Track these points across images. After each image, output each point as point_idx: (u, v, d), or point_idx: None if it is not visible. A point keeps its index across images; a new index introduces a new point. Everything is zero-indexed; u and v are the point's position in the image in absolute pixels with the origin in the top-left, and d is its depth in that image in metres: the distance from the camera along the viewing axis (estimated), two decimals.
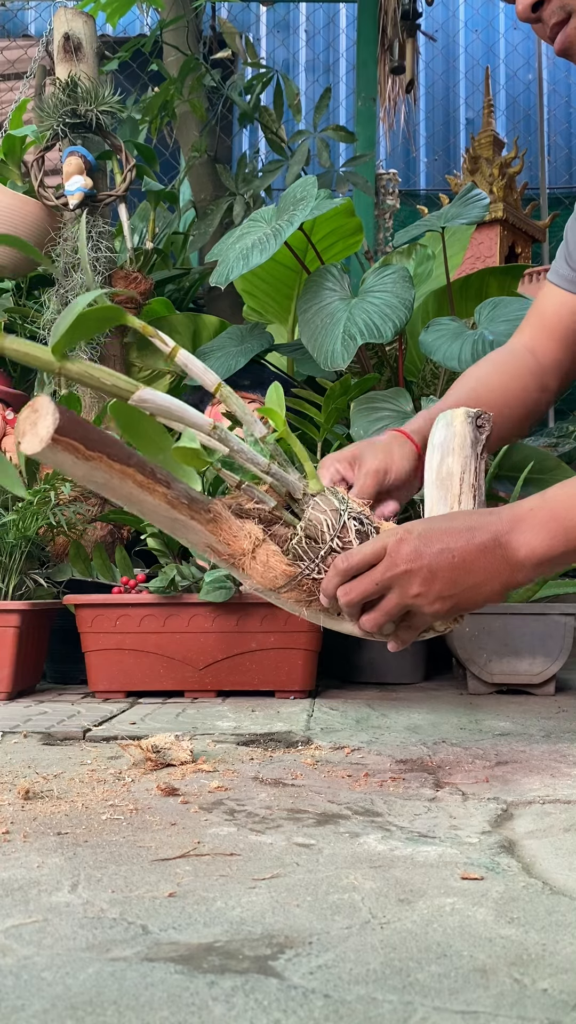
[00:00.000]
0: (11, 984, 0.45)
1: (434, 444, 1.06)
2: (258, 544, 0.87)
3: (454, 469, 1.03)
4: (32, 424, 0.77)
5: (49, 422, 0.75)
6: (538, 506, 0.90)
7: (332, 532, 0.89)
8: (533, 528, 0.88)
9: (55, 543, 1.78)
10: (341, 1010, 0.43)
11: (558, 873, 0.64)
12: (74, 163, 2.01)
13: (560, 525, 0.88)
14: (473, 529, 0.89)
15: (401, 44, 3.78)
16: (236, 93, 2.97)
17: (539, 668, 1.65)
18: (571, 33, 0.99)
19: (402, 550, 0.87)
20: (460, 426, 1.06)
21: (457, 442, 1.05)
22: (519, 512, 0.90)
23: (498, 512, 0.91)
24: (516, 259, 3.12)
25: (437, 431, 1.06)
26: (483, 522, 0.89)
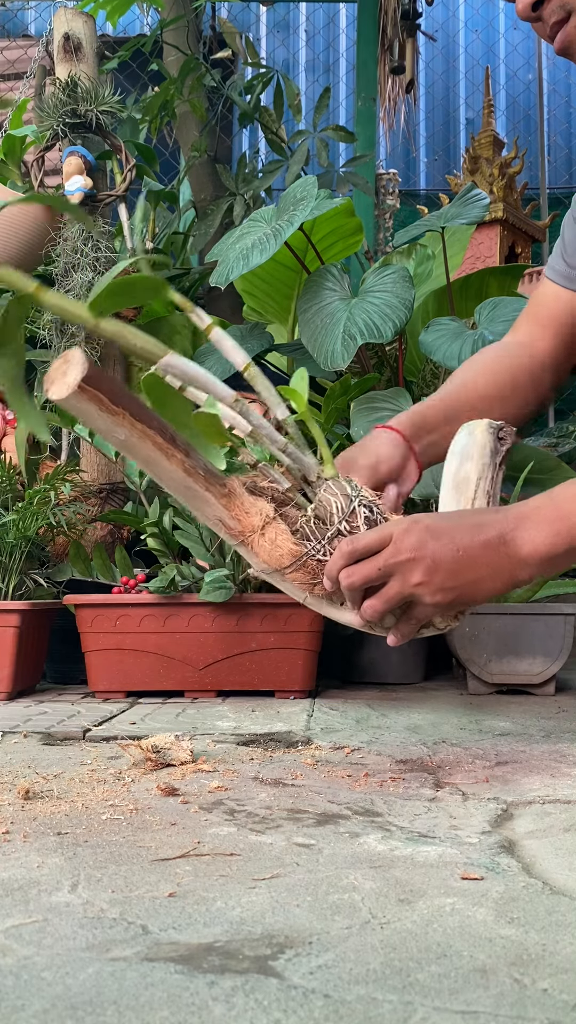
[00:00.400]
0: (11, 984, 0.45)
1: (454, 451, 1.07)
2: (268, 521, 0.89)
3: (471, 475, 1.04)
4: (62, 373, 0.80)
5: (78, 371, 0.78)
6: (543, 504, 0.91)
7: (341, 515, 0.90)
8: (538, 526, 0.89)
9: (55, 543, 1.78)
10: (341, 1010, 0.43)
11: (558, 873, 0.64)
12: (74, 163, 2.01)
13: (565, 523, 0.88)
14: (479, 525, 0.89)
15: (401, 44, 3.78)
16: (236, 93, 2.97)
17: (539, 668, 1.65)
18: (571, 32, 0.99)
19: (408, 538, 0.88)
20: (481, 435, 1.06)
21: (476, 450, 1.05)
22: (524, 510, 0.91)
23: (505, 510, 0.92)
24: (516, 259, 3.12)
25: (459, 439, 1.07)
26: (490, 519, 0.90)
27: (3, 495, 1.77)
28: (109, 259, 2.04)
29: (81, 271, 2.01)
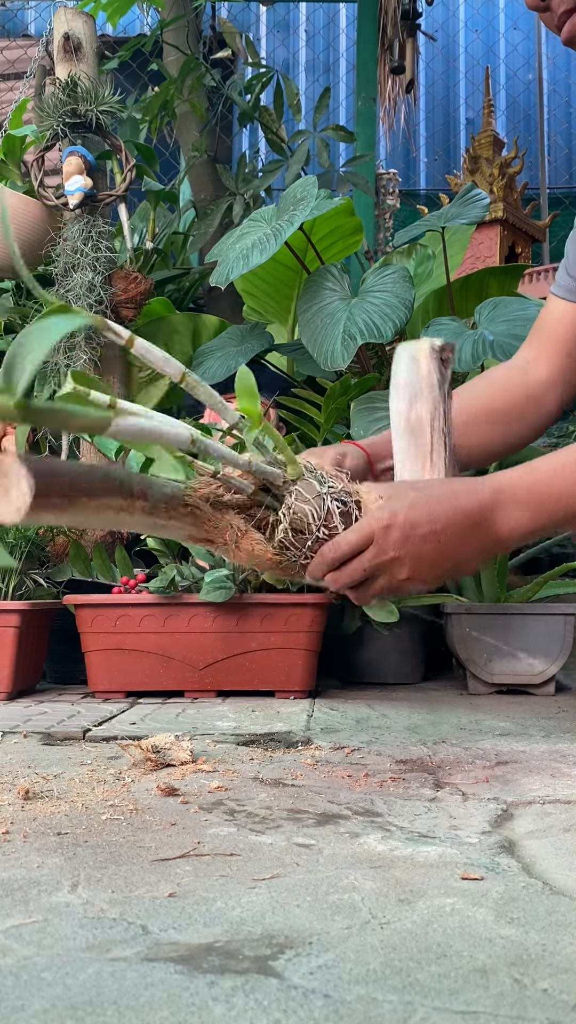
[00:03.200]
0: (11, 984, 0.45)
1: (399, 384, 1.00)
2: (241, 535, 0.86)
3: (423, 416, 0.99)
4: (3, 491, 0.69)
5: (24, 489, 0.68)
6: (521, 483, 0.90)
7: (318, 523, 0.88)
8: (516, 505, 0.89)
9: (55, 543, 1.78)
10: (341, 1010, 0.43)
11: (558, 873, 0.64)
12: (74, 163, 2.01)
13: (541, 504, 0.89)
14: (457, 509, 0.88)
15: (401, 44, 3.78)
16: (236, 93, 2.97)
17: (539, 668, 1.65)
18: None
19: (390, 537, 0.87)
20: (426, 363, 0.99)
21: (424, 384, 0.99)
22: (502, 487, 0.89)
23: (481, 487, 0.89)
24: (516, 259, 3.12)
25: (400, 370, 1.00)
26: (467, 501, 0.89)
27: None
28: (109, 259, 2.04)
29: (81, 271, 2.01)
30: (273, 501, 0.88)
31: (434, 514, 0.87)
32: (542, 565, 2.03)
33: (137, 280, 2.05)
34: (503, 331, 1.70)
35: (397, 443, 1.00)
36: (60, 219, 2.11)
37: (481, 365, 1.72)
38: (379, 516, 0.87)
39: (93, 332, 2.01)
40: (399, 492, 0.89)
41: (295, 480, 0.88)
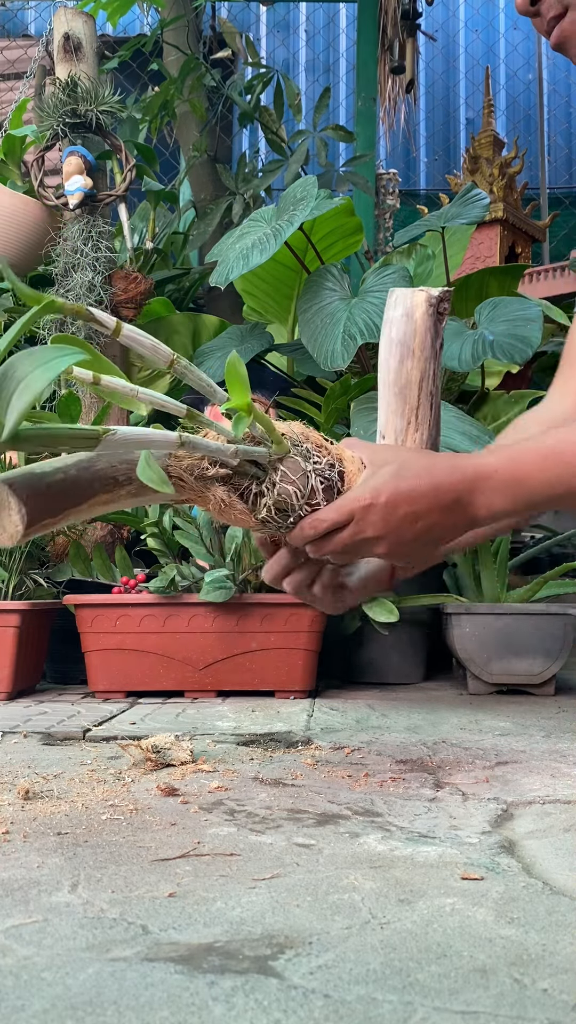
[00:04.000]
0: (11, 984, 0.45)
1: (392, 339, 0.97)
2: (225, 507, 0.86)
3: (413, 376, 0.97)
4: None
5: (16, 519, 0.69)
6: (503, 466, 0.89)
7: (301, 502, 0.88)
8: (496, 490, 0.88)
9: (55, 543, 1.78)
10: (341, 1010, 0.43)
11: (558, 873, 0.64)
12: (74, 163, 2.01)
13: (522, 488, 0.88)
14: (438, 489, 0.88)
15: (401, 44, 3.78)
16: (236, 93, 2.97)
17: (539, 668, 1.65)
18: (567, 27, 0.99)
19: (369, 517, 0.87)
20: (422, 319, 0.97)
21: (418, 341, 0.97)
22: (482, 470, 0.89)
23: (464, 468, 0.89)
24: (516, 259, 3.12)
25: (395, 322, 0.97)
26: (447, 480, 0.88)
27: None
28: (109, 259, 2.04)
29: (81, 271, 2.01)
30: (258, 471, 0.87)
31: (414, 494, 0.87)
32: (542, 565, 2.03)
33: (137, 280, 2.05)
34: (503, 331, 1.69)
35: (383, 397, 0.98)
36: (60, 219, 2.11)
37: (481, 365, 1.72)
38: (359, 496, 0.87)
39: (93, 333, 2.01)
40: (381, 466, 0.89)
41: (281, 458, 0.88)
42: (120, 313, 2.05)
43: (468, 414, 1.77)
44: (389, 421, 0.99)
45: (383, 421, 1.00)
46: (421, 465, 0.89)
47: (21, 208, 2.09)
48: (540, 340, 1.68)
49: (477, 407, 1.93)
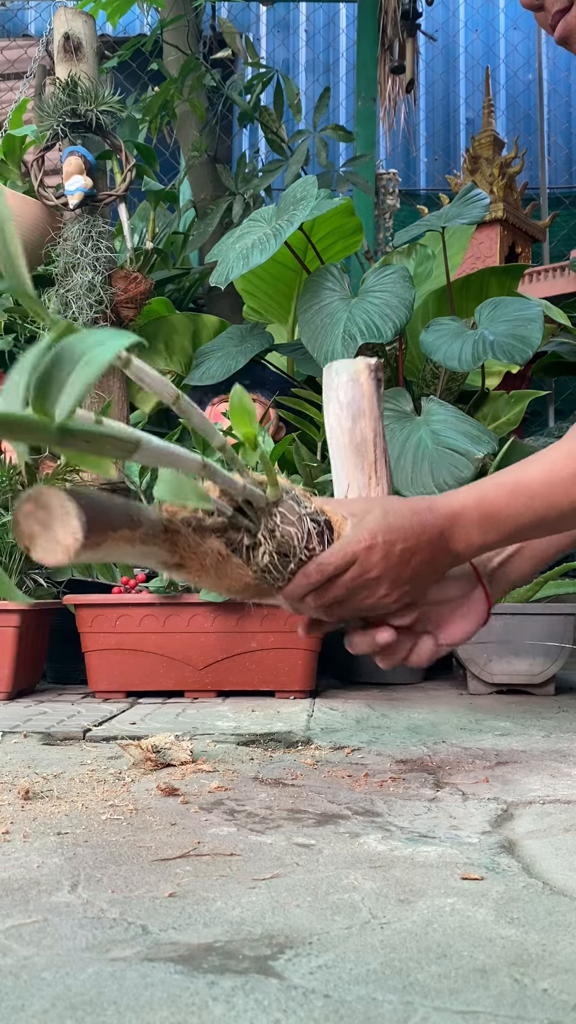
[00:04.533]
0: (11, 984, 0.45)
1: (341, 402, 1.01)
2: (222, 560, 0.82)
3: (367, 435, 1.01)
4: (43, 526, 0.62)
5: (75, 526, 0.61)
6: (472, 505, 0.92)
7: (301, 545, 0.87)
8: (469, 526, 0.92)
9: None
10: (341, 1010, 0.43)
11: (558, 873, 0.64)
12: (74, 163, 2.01)
13: (492, 522, 0.92)
14: (424, 526, 0.90)
15: (401, 44, 3.78)
16: (236, 93, 2.97)
17: (539, 668, 1.65)
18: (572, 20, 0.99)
19: (372, 557, 0.89)
20: (367, 382, 1.01)
21: (367, 402, 1.01)
22: (455, 508, 0.92)
23: (438, 506, 0.92)
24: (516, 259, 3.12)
25: (341, 387, 1.01)
26: (429, 518, 0.91)
27: (3, 495, 1.77)
28: (109, 259, 2.04)
29: (81, 271, 2.01)
30: (249, 524, 0.85)
31: (406, 532, 0.90)
32: None
33: (137, 280, 2.05)
34: (503, 331, 1.70)
35: (340, 461, 1.02)
36: (60, 219, 2.11)
37: (481, 365, 1.72)
38: (359, 536, 0.88)
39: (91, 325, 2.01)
40: (369, 511, 0.91)
41: (277, 502, 0.86)
42: (120, 313, 2.05)
43: (468, 414, 1.77)
44: (352, 478, 1.03)
45: (343, 480, 1.04)
46: (404, 506, 0.92)
47: (21, 208, 2.09)
48: (540, 340, 1.68)
49: (477, 407, 1.93)
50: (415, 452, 1.57)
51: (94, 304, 1.99)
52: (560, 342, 2.77)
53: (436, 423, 1.62)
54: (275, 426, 2.09)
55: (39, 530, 0.62)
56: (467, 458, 1.54)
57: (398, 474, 1.55)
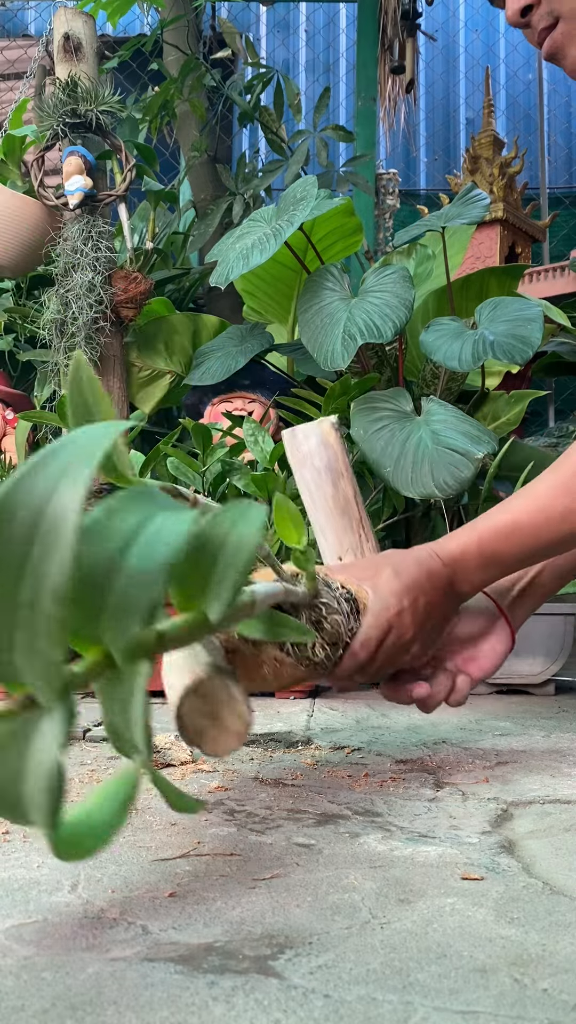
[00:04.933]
0: (11, 984, 0.45)
1: (318, 467, 1.03)
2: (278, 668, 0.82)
3: (349, 493, 1.04)
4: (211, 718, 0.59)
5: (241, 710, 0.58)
6: (472, 551, 0.95)
7: (346, 628, 0.87)
8: (471, 571, 0.95)
9: None
10: (341, 1010, 0.43)
11: (558, 873, 0.64)
12: (74, 163, 2.01)
13: (492, 562, 0.95)
14: (432, 575, 0.94)
15: (401, 44, 3.78)
16: (236, 93, 2.97)
17: (539, 668, 1.65)
18: (558, 38, 0.99)
19: (404, 620, 0.91)
20: (336, 442, 1.03)
21: (341, 462, 1.03)
22: (455, 555, 0.95)
23: (440, 554, 0.95)
24: (516, 259, 3.12)
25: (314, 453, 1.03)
26: (433, 567, 0.94)
27: None
28: (109, 259, 2.04)
29: (81, 271, 2.01)
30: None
31: (423, 586, 0.93)
32: None
33: (137, 280, 2.05)
34: (503, 331, 1.69)
35: (328, 524, 1.04)
36: (60, 219, 2.11)
37: (481, 365, 1.72)
38: (387, 603, 0.91)
39: (93, 332, 2.01)
40: (379, 574, 0.93)
41: (316, 594, 0.85)
42: (120, 313, 2.05)
43: (468, 414, 1.77)
44: (342, 540, 1.04)
45: (334, 544, 1.04)
46: (409, 561, 0.94)
47: (21, 208, 2.09)
48: (540, 340, 1.67)
49: (477, 407, 1.93)
50: (415, 452, 1.57)
51: (94, 304, 1.99)
52: (560, 342, 2.77)
53: (436, 423, 1.62)
54: (275, 426, 2.09)
55: (207, 724, 0.59)
56: (467, 458, 1.54)
57: (398, 474, 1.55)
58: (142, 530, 0.48)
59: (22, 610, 0.43)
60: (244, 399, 2.11)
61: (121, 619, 0.47)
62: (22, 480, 0.43)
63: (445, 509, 1.90)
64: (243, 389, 2.12)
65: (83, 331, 1.99)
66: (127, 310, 2.05)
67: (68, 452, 0.43)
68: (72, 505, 0.41)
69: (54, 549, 0.41)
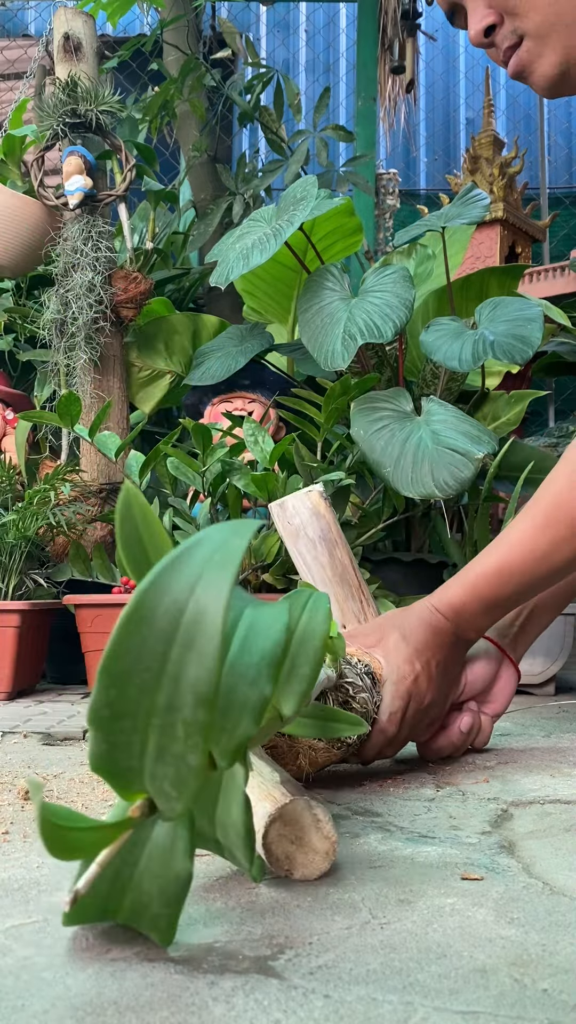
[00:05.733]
0: (11, 984, 0.45)
1: (312, 538, 1.03)
2: (313, 754, 0.82)
3: (345, 561, 1.04)
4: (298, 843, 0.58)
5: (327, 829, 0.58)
6: (469, 597, 0.96)
7: (372, 704, 0.89)
8: (474, 617, 0.97)
9: (55, 543, 1.78)
10: (341, 1010, 0.43)
11: (558, 873, 0.64)
12: (74, 163, 2.01)
13: (492, 606, 0.96)
14: (437, 632, 0.96)
15: (401, 44, 3.78)
16: (236, 93, 2.97)
17: (539, 668, 1.65)
18: (524, 56, 0.98)
19: (421, 686, 0.93)
20: (327, 511, 1.04)
21: (334, 531, 1.04)
22: (455, 606, 0.96)
23: (440, 609, 0.96)
24: (516, 259, 3.12)
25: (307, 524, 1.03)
26: (437, 624, 0.96)
27: (3, 495, 1.77)
28: (109, 259, 2.04)
29: (81, 271, 2.01)
30: None
31: (431, 647, 0.95)
32: None
33: (137, 280, 2.05)
34: (504, 331, 1.69)
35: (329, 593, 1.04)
36: (60, 219, 2.11)
37: (481, 365, 1.72)
38: (402, 672, 0.92)
39: (93, 332, 2.01)
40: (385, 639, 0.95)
41: (341, 674, 0.86)
42: (120, 313, 2.05)
43: (468, 414, 1.77)
44: (344, 609, 1.06)
45: (337, 613, 1.06)
46: (414, 622, 0.96)
47: (21, 208, 2.09)
48: (540, 340, 1.67)
49: (477, 407, 1.93)
50: (415, 452, 1.57)
51: (94, 304, 1.99)
52: (560, 342, 2.77)
53: (436, 423, 1.62)
54: (275, 426, 2.09)
55: (294, 849, 0.58)
56: (467, 458, 1.54)
57: (398, 474, 1.55)
58: (240, 624, 0.46)
59: (157, 715, 0.41)
60: (244, 399, 2.11)
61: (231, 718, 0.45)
62: (159, 579, 0.41)
63: (445, 509, 1.90)
64: (243, 389, 2.12)
65: (83, 331, 1.98)
66: (127, 310, 2.05)
67: (205, 549, 0.41)
68: (217, 605, 0.39)
69: (198, 650, 0.40)
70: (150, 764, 0.42)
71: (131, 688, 0.41)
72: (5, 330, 2.32)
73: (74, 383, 2.02)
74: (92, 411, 2.00)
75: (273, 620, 0.47)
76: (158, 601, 0.41)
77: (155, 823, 0.47)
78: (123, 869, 0.48)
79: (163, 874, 0.47)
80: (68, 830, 0.41)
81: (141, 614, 0.41)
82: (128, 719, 0.41)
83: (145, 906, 0.48)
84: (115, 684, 0.40)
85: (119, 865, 0.47)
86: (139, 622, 0.41)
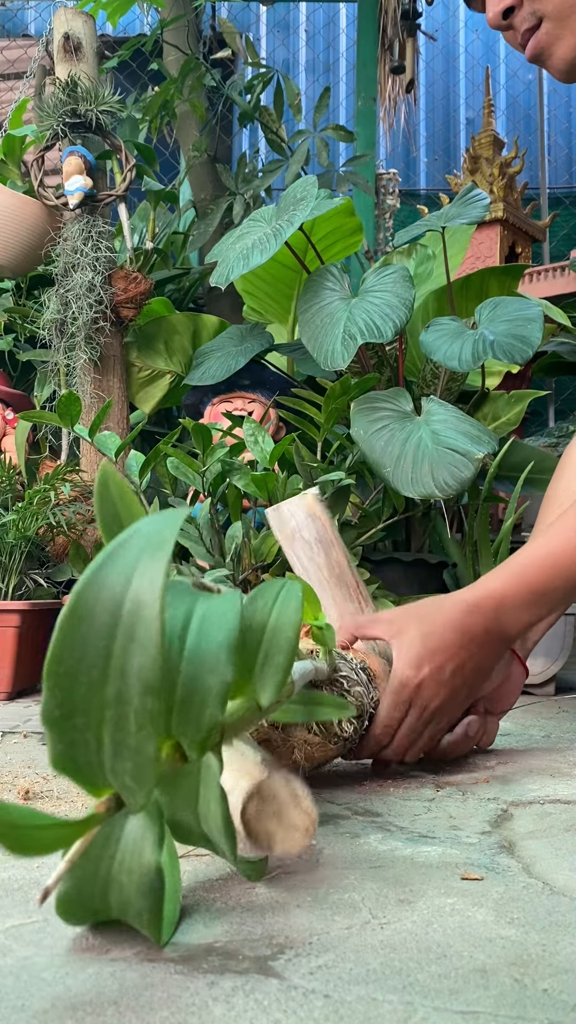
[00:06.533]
0: (11, 984, 0.45)
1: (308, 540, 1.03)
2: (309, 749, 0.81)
3: (342, 561, 1.03)
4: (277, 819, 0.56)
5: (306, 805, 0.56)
6: (513, 587, 0.92)
7: (369, 699, 0.87)
8: (518, 608, 0.93)
9: (55, 543, 1.78)
10: (341, 1010, 0.43)
11: (558, 873, 0.64)
12: (74, 163, 2.01)
13: (539, 597, 0.93)
14: (465, 632, 0.90)
15: (401, 44, 3.78)
16: (236, 93, 2.97)
17: (539, 668, 1.65)
18: (542, 38, 0.97)
19: (424, 693, 0.89)
20: (323, 513, 1.03)
21: (331, 532, 1.03)
22: (497, 595, 0.92)
23: (478, 603, 0.92)
24: (516, 259, 3.12)
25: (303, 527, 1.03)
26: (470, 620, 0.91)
27: (3, 495, 1.77)
28: (109, 259, 2.04)
29: (81, 271, 2.01)
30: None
31: (450, 648, 0.90)
32: None
33: (137, 280, 2.05)
34: (503, 331, 1.69)
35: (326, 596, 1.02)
36: (60, 219, 2.11)
37: (481, 365, 1.72)
38: (406, 677, 0.88)
39: (93, 332, 2.01)
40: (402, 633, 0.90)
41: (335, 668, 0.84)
42: (120, 313, 2.05)
43: (468, 414, 1.77)
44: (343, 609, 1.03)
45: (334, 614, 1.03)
46: (436, 619, 0.91)
47: (21, 208, 2.09)
48: (540, 340, 1.67)
49: (477, 407, 1.93)
50: (415, 452, 1.57)
51: (94, 304, 1.99)
52: (560, 342, 2.77)
53: (436, 423, 1.62)
54: (275, 426, 2.09)
55: (274, 825, 0.56)
56: (467, 458, 1.54)
57: (398, 474, 1.55)
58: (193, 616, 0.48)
59: (108, 708, 0.41)
60: (244, 399, 2.11)
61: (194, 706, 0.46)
62: (95, 577, 0.42)
63: (445, 509, 1.90)
64: (243, 389, 2.12)
65: (83, 331, 1.99)
66: (127, 310, 2.05)
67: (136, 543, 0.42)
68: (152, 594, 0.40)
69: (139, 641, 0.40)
70: (108, 759, 0.43)
71: (79, 686, 0.41)
72: (5, 330, 2.32)
73: (74, 383, 2.02)
74: (92, 411, 2.00)
75: (226, 608, 0.48)
76: (96, 598, 0.42)
77: (127, 817, 0.48)
78: (102, 865, 0.48)
79: (137, 867, 0.47)
80: (24, 828, 0.42)
81: (80, 613, 0.42)
82: (80, 716, 0.42)
83: (128, 901, 0.48)
84: (60, 685, 0.41)
85: (98, 861, 0.48)
86: (79, 621, 0.42)
